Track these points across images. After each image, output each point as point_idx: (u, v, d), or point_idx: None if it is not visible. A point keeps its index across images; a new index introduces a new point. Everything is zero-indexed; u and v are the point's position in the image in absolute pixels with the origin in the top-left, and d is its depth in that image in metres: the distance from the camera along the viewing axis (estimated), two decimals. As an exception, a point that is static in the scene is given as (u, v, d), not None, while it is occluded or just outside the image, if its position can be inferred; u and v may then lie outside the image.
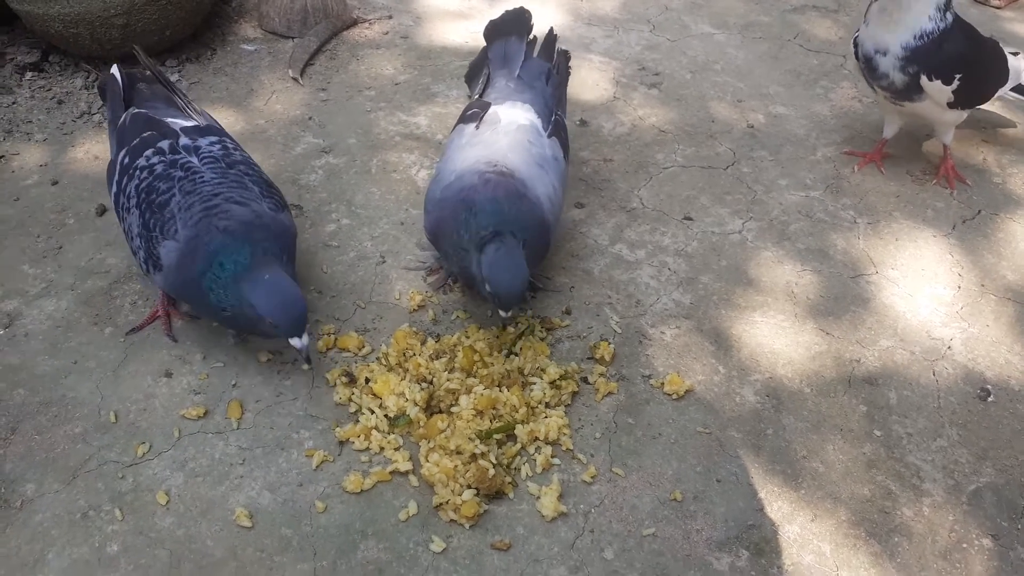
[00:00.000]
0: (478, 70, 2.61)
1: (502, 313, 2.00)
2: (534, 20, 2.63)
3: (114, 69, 2.33)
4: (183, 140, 2.12)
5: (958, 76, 2.47)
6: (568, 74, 2.67)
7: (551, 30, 2.66)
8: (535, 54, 2.56)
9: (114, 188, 2.14)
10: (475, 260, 1.99)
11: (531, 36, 2.60)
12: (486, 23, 2.67)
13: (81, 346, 2.12)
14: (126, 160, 2.10)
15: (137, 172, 2.05)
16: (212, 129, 2.23)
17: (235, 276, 1.88)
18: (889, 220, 2.66)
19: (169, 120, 2.18)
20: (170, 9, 3.01)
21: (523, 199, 2.05)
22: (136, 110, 2.20)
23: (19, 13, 2.98)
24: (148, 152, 2.07)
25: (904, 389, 2.14)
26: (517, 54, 2.49)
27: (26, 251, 2.38)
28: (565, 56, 2.67)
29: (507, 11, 2.68)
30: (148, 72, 2.37)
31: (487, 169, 2.08)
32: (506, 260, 1.97)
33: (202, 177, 2.02)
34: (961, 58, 2.47)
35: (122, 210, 2.09)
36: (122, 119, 2.20)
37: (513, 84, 2.40)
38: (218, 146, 2.14)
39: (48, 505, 1.78)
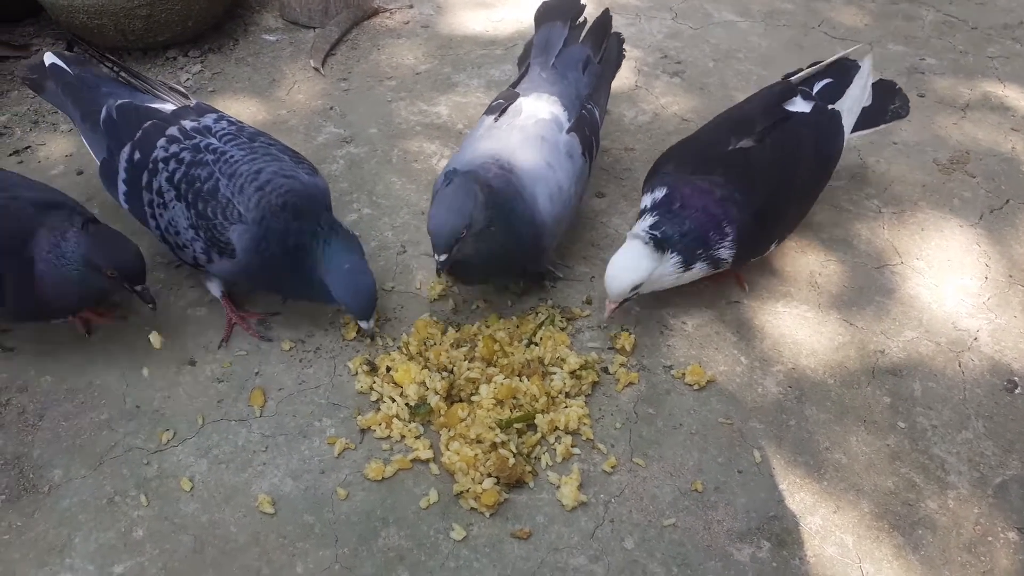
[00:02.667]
0: (526, 54, 2.53)
1: (436, 256, 1.92)
2: (585, 1, 2.57)
3: (50, 57, 2.22)
4: (187, 123, 2.06)
5: None
6: (622, 58, 2.59)
7: (605, 12, 2.56)
8: (580, 40, 2.47)
9: (123, 188, 2.07)
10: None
11: (580, 19, 2.53)
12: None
13: (107, 334, 2.14)
14: (136, 156, 2.04)
15: (161, 165, 2.00)
16: (202, 107, 2.19)
17: (324, 252, 1.94)
18: (914, 210, 2.62)
19: (156, 106, 2.14)
20: (192, 0, 3.03)
21: (517, 197, 2.01)
22: (120, 101, 2.13)
23: (44, 4, 3.01)
24: (161, 142, 2.02)
25: (929, 380, 2.12)
26: (557, 41, 2.43)
27: (52, 240, 2.41)
28: (618, 40, 2.58)
29: None
30: (83, 55, 2.28)
31: (489, 163, 2.05)
32: (449, 197, 1.92)
33: (232, 156, 2.00)
34: None
35: (155, 208, 2.03)
36: (105, 113, 2.12)
37: (546, 74, 2.36)
38: (225, 122, 2.11)
39: (75, 490, 1.81)
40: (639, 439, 1.95)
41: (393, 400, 1.97)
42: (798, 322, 2.25)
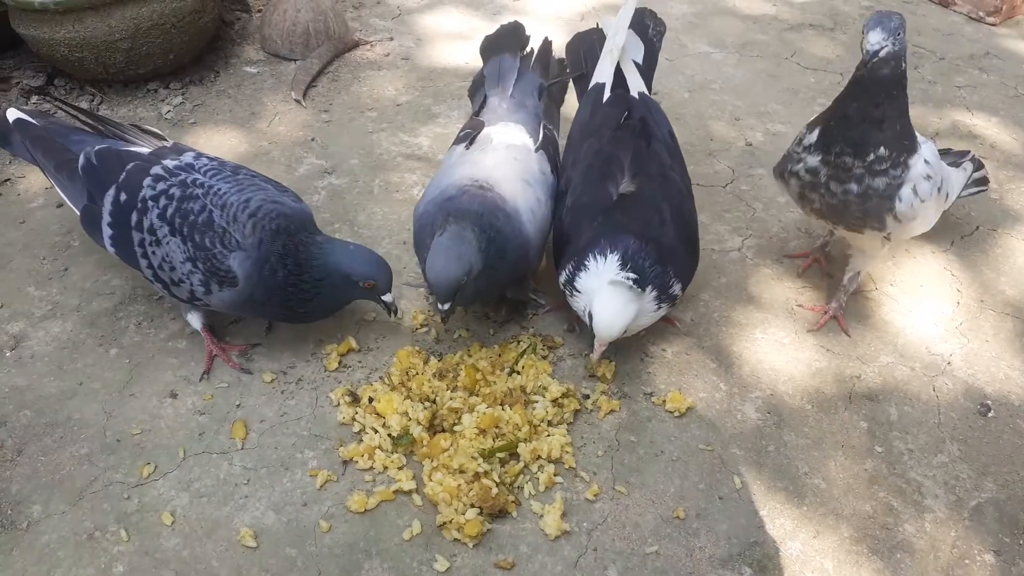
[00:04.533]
0: (478, 86, 2.63)
1: (439, 305, 1.97)
2: (529, 33, 2.65)
3: (14, 112, 2.23)
4: (169, 162, 2.07)
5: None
6: (566, 86, 2.66)
7: (545, 40, 2.67)
8: (530, 67, 2.56)
9: (108, 232, 2.05)
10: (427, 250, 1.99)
11: (526, 50, 2.61)
12: (488, 31, 2.69)
13: (87, 367, 2.14)
14: (123, 198, 2.03)
15: (151, 203, 2.00)
16: (180, 146, 2.22)
17: (322, 253, 2.01)
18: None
19: (134, 149, 2.15)
20: (174, 33, 3.05)
21: (499, 210, 2.05)
22: (98, 147, 2.13)
23: (25, 37, 3.02)
24: (147, 181, 2.02)
25: (905, 405, 2.15)
26: (510, 71, 2.51)
27: (32, 273, 2.40)
28: (562, 64, 2.67)
29: (502, 26, 2.70)
30: (48, 101, 2.28)
31: (468, 184, 2.10)
32: (445, 247, 1.94)
33: (220, 189, 2.02)
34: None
35: (147, 246, 2.01)
36: (83, 160, 2.11)
37: (506, 104, 2.43)
38: (205, 158, 2.13)
39: (54, 526, 1.79)
40: (621, 466, 1.97)
41: (375, 431, 1.97)
42: (776, 348, 2.28)
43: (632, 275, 1.94)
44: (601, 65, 2.45)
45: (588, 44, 2.61)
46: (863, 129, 1.97)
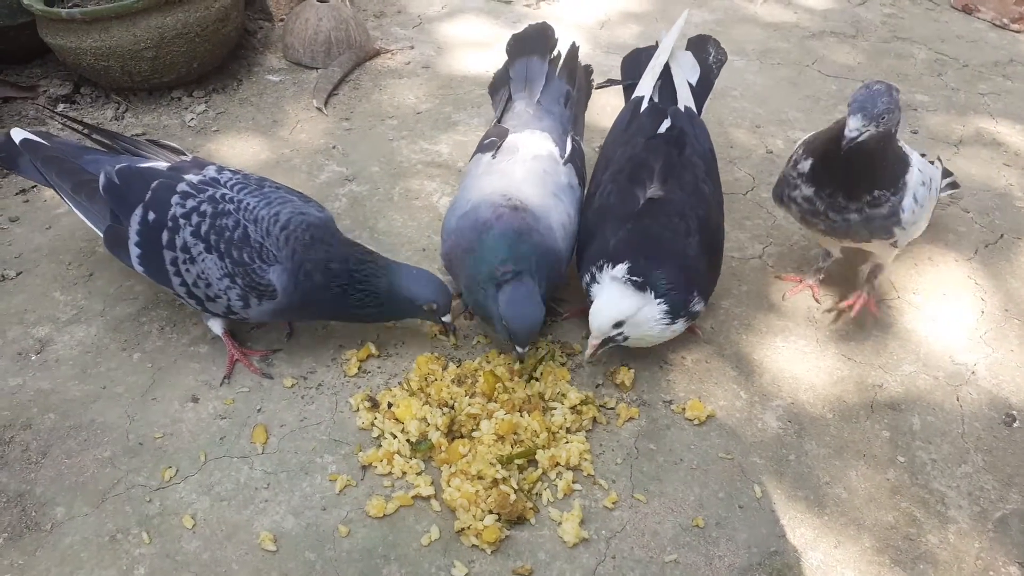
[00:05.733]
0: (501, 84, 2.61)
1: (518, 349, 2.04)
2: (557, 35, 2.64)
3: (19, 133, 2.20)
4: (193, 177, 2.07)
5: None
6: (590, 91, 2.68)
7: (573, 45, 2.67)
8: (557, 74, 2.56)
9: (136, 251, 2.03)
10: (492, 296, 2.01)
11: (554, 53, 2.61)
12: (508, 37, 2.69)
13: (110, 371, 2.16)
14: (151, 216, 2.01)
15: (183, 221, 1.99)
16: (198, 160, 2.23)
17: (387, 274, 2.06)
18: (910, 244, 2.65)
19: (152, 165, 2.14)
20: (197, 42, 3.09)
21: (534, 232, 2.06)
22: (119, 166, 2.10)
23: (52, 46, 3.07)
24: (175, 199, 2.01)
25: (928, 414, 2.13)
26: (539, 76, 2.50)
27: (57, 278, 2.44)
28: (587, 72, 2.67)
29: (530, 26, 2.70)
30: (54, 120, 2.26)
31: (501, 202, 2.10)
32: (523, 298, 1.99)
33: (248, 204, 2.03)
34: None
35: (180, 264, 1.99)
36: (104, 179, 2.08)
37: (532, 110, 2.43)
38: (228, 172, 2.13)
39: (77, 528, 1.81)
40: (640, 475, 1.96)
41: (394, 436, 1.98)
42: (797, 357, 2.27)
43: (632, 278, 1.95)
44: (644, 79, 2.47)
45: (647, 56, 2.57)
46: (853, 183, 2.02)
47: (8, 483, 1.89)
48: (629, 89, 2.55)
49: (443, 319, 2.13)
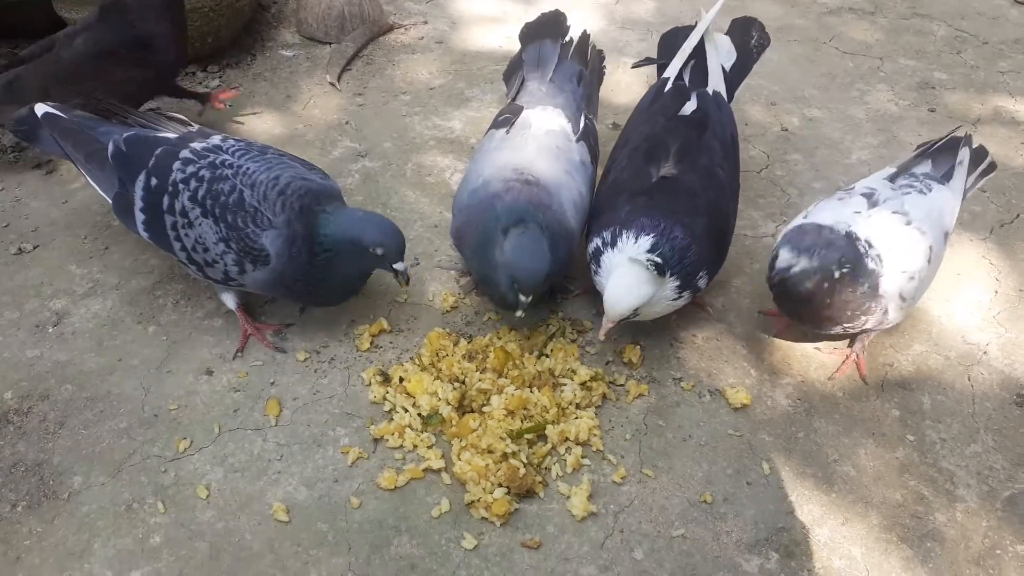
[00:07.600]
0: (515, 70, 2.64)
1: (521, 298, 1.98)
2: (570, 22, 2.66)
3: (42, 107, 2.24)
4: (197, 144, 2.09)
5: None
6: (602, 74, 2.69)
7: (584, 32, 2.69)
8: (569, 56, 2.58)
9: (141, 217, 2.07)
10: (498, 247, 1.98)
11: (566, 38, 2.63)
12: (521, 25, 2.70)
13: (126, 344, 2.19)
14: (153, 182, 2.04)
15: (182, 186, 2.02)
16: (204, 130, 2.23)
17: (329, 222, 2.01)
18: (925, 224, 2.63)
19: (161, 134, 2.17)
20: (212, 16, 3.09)
21: (547, 209, 2.05)
22: (127, 134, 2.14)
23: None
24: (177, 165, 2.04)
25: (938, 394, 2.13)
26: (551, 57, 2.52)
27: (74, 252, 2.46)
28: (599, 56, 2.69)
29: (543, 13, 2.72)
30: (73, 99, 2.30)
31: (513, 176, 2.10)
32: (529, 243, 1.96)
33: (249, 168, 2.04)
34: None
35: (180, 229, 2.03)
36: (113, 147, 2.11)
37: (545, 88, 2.43)
38: (232, 140, 2.14)
39: (94, 497, 1.85)
40: (648, 450, 1.97)
41: (406, 410, 2.00)
42: (807, 335, 2.26)
43: (656, 259, 1.93)
44: (675, 60, 2.48)
45: (684, 36, 2.56)
46: (811, 321, 2.04)
47: (27, 452, 1.93)
48: (663, 68, 2.55)
49: (395, 266, 2.05)
